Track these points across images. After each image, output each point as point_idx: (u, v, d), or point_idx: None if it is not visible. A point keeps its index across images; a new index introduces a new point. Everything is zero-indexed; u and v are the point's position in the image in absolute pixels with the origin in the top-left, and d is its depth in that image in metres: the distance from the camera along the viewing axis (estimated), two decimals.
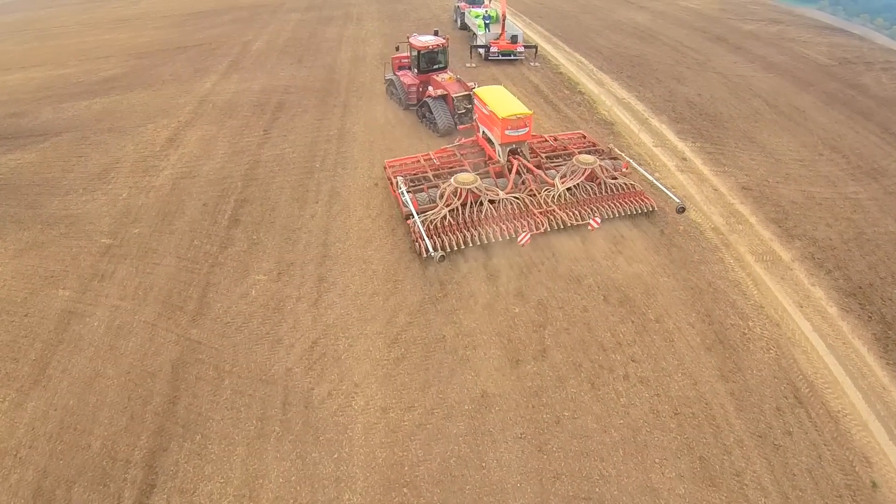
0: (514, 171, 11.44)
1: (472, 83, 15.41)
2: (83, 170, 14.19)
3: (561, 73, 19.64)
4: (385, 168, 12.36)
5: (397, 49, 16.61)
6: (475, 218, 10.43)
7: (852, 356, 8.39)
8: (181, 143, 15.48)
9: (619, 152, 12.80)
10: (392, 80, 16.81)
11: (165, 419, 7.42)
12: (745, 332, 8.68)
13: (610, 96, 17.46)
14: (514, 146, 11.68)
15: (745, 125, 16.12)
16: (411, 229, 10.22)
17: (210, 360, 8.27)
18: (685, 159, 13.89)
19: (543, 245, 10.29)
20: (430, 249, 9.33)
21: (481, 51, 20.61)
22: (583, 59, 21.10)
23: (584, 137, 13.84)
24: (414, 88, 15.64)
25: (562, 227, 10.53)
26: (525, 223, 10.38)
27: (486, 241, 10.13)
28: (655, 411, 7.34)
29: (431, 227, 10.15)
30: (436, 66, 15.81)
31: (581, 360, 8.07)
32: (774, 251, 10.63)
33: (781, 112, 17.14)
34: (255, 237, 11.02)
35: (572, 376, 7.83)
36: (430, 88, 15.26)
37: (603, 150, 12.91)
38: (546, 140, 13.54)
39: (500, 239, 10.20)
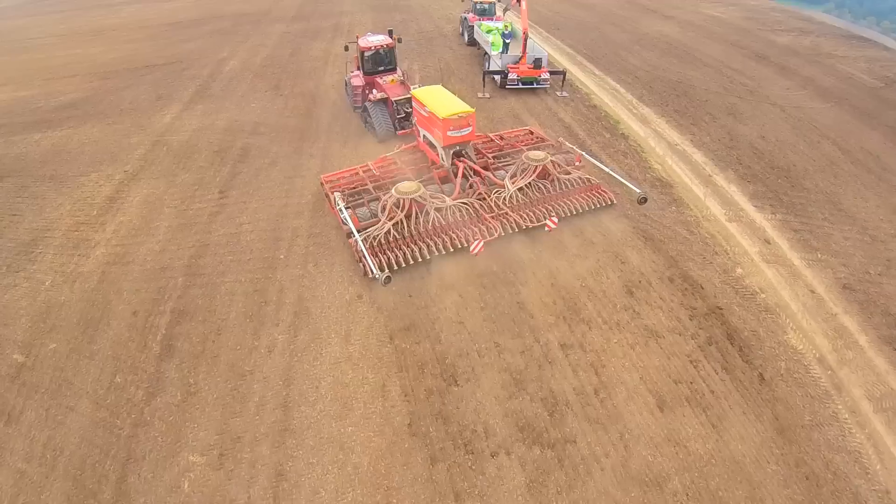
0: (459, 174, 10.73)
1: (416, 85, 14.15)
2: (13, 235, 11.57)
3: (595, 106, 16.20)
4: (322, 184, 11.41)
5: (346, 49, 15.19)
6: (422, 230, 9.71)
7: None
8: (121, 205, 12.34)
9: (570, 145, 12.10)
10: (346, 81, 16.08)
11: None
12: None
13: (659, 140, 14.08)
14: (458, 148, 11.02)
15: (825, 182, 12.95)
16: (353, 249, 9.35)
17: None
18: (768, 242, 10.70)
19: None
20: (375, 270, 8.32)
21: (497, 78, 16.99)
22: (618, 87, 17.68)
23: (532, 133, 13.21)
24: (359, 91, 14.78)
25: (516, 230, 9.82)
26: (476, 230, 9.62)
27: (435, 254, 9.31)
28: None
29: (375, 244, 9.40)
30: (381, 68, 14.89)
31: None
32: (894, 391, 7.63)
33: (856, 159, 14.07)
34: (191, 380, 7.84)
35: None
36: (374, 92, 14.33)
37: (553, 145, 12.26)
38: (492, 139, 12.84)
39: (451, 249, 9.36)
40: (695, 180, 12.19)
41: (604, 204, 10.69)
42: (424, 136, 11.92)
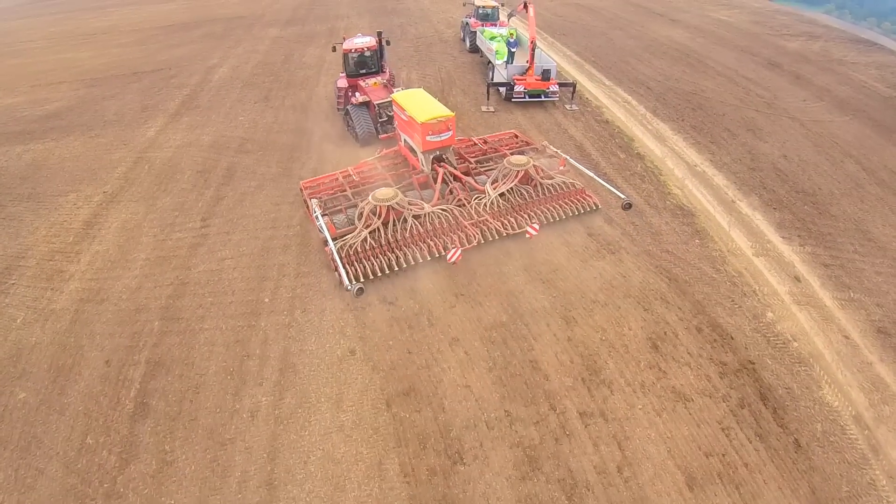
0: (439, 180, 10.45)
1: (398, 88, 14.06)
2: None
3: (607, 121, 15.22)
4: (301, 190, 11.11)
5: (334, 50, 14.94)
6: (399, 237, 9.45)
7: None
8: (98, 231, 11.50)
9: (555, 149, 11.78)
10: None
11: None
12: None
13: (678, 161, 13.16)
14: (437, 153, 10.77)
15: (852, 208, 12.11)
16: (329, 258, 9.03)
17: None
18: (798, 280, 9.85)
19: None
20: (346, 281, 8.04)
21: (502, 90, 15.99)
22: (629, 99, 16.73)
23: (517, 136, 12.96)
24: (343, 93, 14.64)
25: (496, 237, 9.57)
26: (455, 238, 9.39)
27: (412, 263, 9.06)
28: None
29: (351, 253, 9.11)
30: (364, 71, 14.64)
31: None
32: None
33: (881, 180, 13.28)
34: (167, 447, 6.97)
35: None
36: (357, 94, 14.14)
37: (537, 148, 12.00)
38: (475, 143, 12.58)
39: (429, 258, 9.14)
40: (717, 207, 11.32)
41: (588, 209, 10.47)
42: (405, 140, 11.58)
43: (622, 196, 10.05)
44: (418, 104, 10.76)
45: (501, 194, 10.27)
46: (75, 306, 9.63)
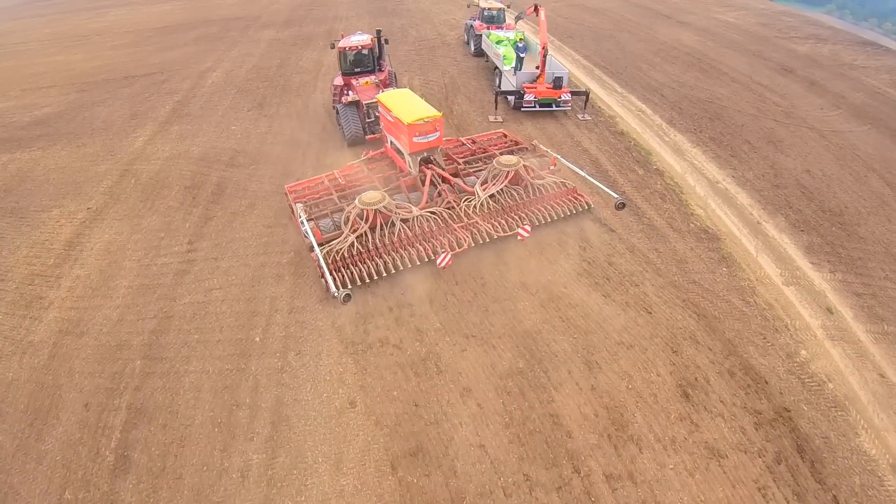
0: (427, 182, 10.13)
1: (392, 87, 13.76)
2: None
3: (622, 132, 14.41)
4: (286, 194, 10.77)
5: (332, 47, 14.48)
6: (388, 242, 9.16)
7: None
8: (80, 253, 10.78)
9: (545, 148, 11.55)
10: None
11: None
12: None
13: (698, 177, 12.41)
14: (425, 154, 10.47)
15: (880, 228, 11.43)
16: (315, 264, 8.72)
17: None
18: (831, 311, 9.16)
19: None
20: (333, 288, 7.75)
21: (510, 98, 15.13)
22: (644, 107, 15.95)
23: (506, 136, 12.71)
24: (338, 91, 14.24)
25: (487, 240, 9.25)
26: (444, 241, 9.10)
27: (401, 268, 8.78)
28: None
29: (338, 259, 8.86)
30: (360, 69, 14.26)
31: None
32: None
33: None
34: None
35: None
36: (349, 93, 13.87)
37: (527, 148, 11.78)
38: (464, 143, 12.30)
39: (419, 262, 8.83)
40: (743, 230, 10.61)
41: (580, 209, 10.22)
42: (392, 142, 11.26)
43: (615, 195, 9.82)
44: (404, 105, 10.38)
45: (491, 196, 10.01)
46: (54, 338, 8.93)
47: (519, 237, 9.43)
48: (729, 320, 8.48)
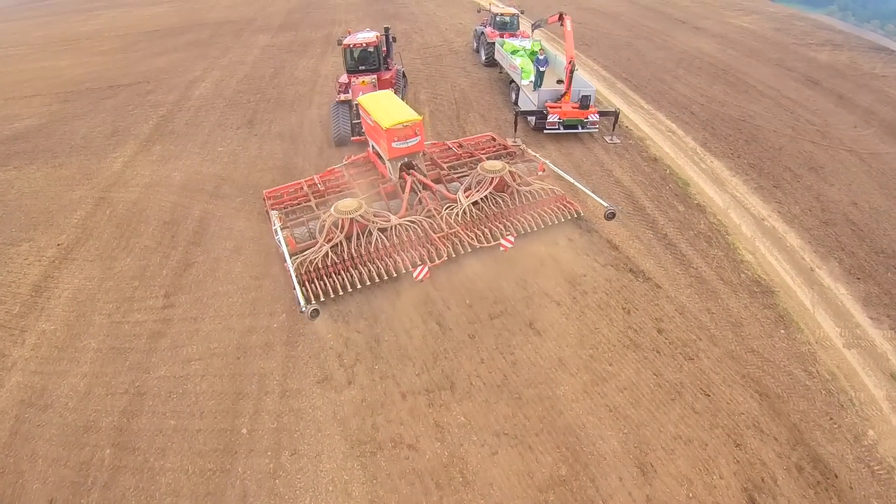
0: (407, 189, 9.78)
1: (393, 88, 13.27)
2: None
3: (655, 158, 13.00)
4: (264, 200, 10.54)
5: (339, 43, 14.12)
6: (364, 252, 8.75)
7: None
8: (48, 302, 9.56)
9: (533, 153, 11.21)
10: None
11: None
12: None
13: (743, 214, 11.11)
14: (406, 160, 10.09)
15: None
16: (289, 275, 8.24)
17: None
18: (895, 378, 8.19)
19: None
20: (301, 303, 7.44)
21: (531, 119, 13.67)
22: (674, 128, 14.60)
23: (494, 139, 12.29)
24: (342, 88, 13.90)
25: (468, 251, 8.87)
26: (424, 252, 8.68)
27: (376, 280, 8.38)
28: None
29: (311, 269, 8.46)
30: (364, 67, 13.81)
31: None
32: None
33: None
34: None
35: None
36: (349, 91, 13.64)
37: (515, 153, 11.45)
38: (450, 148, 11.92)
39: (395, 275, 8.47)
40: (797, 279, 9.37)
41: (569, 217, 9.88)
42: (372, 146, 10.91)
43: (605, 204, 9.55)
44: (384, 108, 9.92)
45: (475, 203, 9.61)
46: (16, 410, 7.72)
47: (501, 248, 9.05)
48: (793, 398, 7.28)
